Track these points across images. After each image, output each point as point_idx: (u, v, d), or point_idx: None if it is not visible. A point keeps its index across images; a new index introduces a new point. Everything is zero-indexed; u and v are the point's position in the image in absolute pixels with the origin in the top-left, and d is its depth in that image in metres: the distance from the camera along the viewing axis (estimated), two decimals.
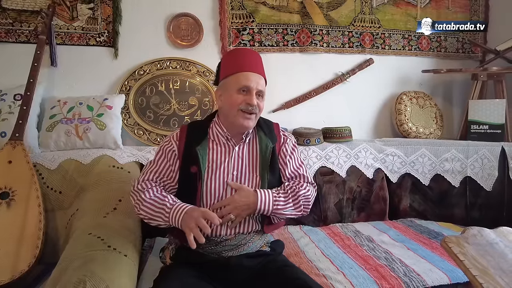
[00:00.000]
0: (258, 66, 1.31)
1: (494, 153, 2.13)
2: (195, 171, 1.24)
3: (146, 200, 1.23)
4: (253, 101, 1.24)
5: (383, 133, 2.48)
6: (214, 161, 1.28)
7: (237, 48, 1.34)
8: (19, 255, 1.40)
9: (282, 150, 1.39)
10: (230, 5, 2.16)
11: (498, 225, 1.16)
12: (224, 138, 1.31)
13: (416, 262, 1.48)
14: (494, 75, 2.31)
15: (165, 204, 1.20)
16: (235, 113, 1.25)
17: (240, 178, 1.29)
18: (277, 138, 1.38)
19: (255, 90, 1.25)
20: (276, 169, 1.34)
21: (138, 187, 1.27)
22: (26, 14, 1.94)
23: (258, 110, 1.27)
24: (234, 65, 1.29)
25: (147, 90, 2.07)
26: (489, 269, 0.93)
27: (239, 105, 1.24)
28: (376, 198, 2.09)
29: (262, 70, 1.32)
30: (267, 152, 1.31)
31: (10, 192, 1.52)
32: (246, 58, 1.30)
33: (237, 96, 1.25)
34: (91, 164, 1.76)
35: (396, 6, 2.41)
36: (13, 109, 1.80)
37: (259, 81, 1.27)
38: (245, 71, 1.26)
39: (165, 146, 1.31)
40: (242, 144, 1.33)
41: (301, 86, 2.32)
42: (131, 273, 1.21)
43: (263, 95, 1.30)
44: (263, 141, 1.33)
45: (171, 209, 1.18)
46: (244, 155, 1.32)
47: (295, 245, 1.69)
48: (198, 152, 1.25)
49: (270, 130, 1.39)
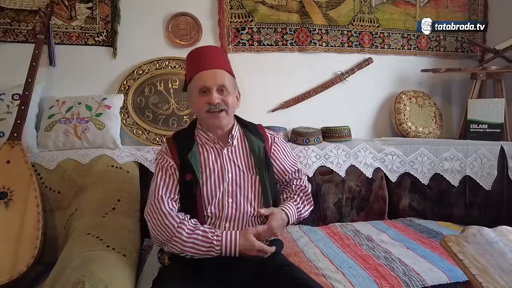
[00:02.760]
0: (214, 61, 1.27)
1: (493, 152, 2.13)
2: (190, 179, 1.23)
3: (186, 240, 1.16)
4: (213, 99, 1.22)
5: (382, 132, 2.48)
6: (207, 166, 1.27)
7: (193, 50, 1.33)
8: (18, 256, 1.40)
9: (273, 149, 1.41)
10: (229, 4, 2.16)
11: (497, 224, 1.16)
12: (211, 142, 1.31)
13: (415, 261, 1.48)
14: (493, 74, 2.30)
15: (212, 243, 1.16)
16: (204, 115, 1.26)
17: (237, 180, 1.29)
18: (265, 138, 1.39)
19: (214, 87, 1.23)
20: (271, 168, 1.36)
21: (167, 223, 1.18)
22: (24, 14, 1.94)
23: (226, 106, 1.25)
24: (191, 68, 1.29)
25: (146, 89, 2.07)
26: (489, 268, 0.94)
27: (203, 106, 1.24)
28: (375, 198, 2.09)
29: (223, 64, 1.29)
30: (260, 152, 1.32)
31: (9, 192, 1.52)
32: (201, 57, 1.28)
33: (199, 99, 1.24)
34: (90, 164, 1.75)
35: (395, 5, 2.41)
36: (11, 109, 1.79)
37: (217, 77, 1.24)
38: (200, 71, 1.24)
39: (163, 163, 1.28)
40: (230, 147, 1.32)
41: (300, 85, 2.32)
42: (130, 273, 1.21)
43: (228, 89, 1.25)
44: (254, 142, 1.33)
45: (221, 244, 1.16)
46: (236, 156, 1.32)
47: (295, 244, 1.69)
48: (190, 160, 1.24)
49: (256, 130, 1.39)
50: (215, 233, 1.18)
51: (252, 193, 1.30)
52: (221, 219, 1.25)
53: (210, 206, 1.25)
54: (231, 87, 1.28)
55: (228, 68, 1.31)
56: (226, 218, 1.26)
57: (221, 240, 1.16)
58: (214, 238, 1.16)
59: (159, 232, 1.18)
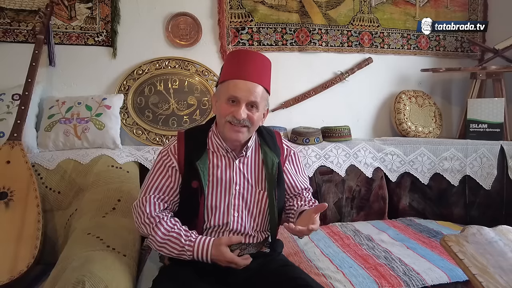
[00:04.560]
0: (255, 73, 1.16)
1: (493, 152, 2.13)
2: (196, 186, 1.18)
3: (160, 241, 1.15)
4: (239, 115, 1.13)
5: (382, 132, 2.48)
6: (215, 175, 1.21)
7: (238, 51, 1.25)
8: (18, 256, 1.40)
9: (287, 163, 1.34)
10: (228, 4, 2.16)
11: (497, 223, 1.16)
12: (224, 150, 1.23)
13: (415, 261, 1.48)
14: (493, 74, 2.31)
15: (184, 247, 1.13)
16: (224, 124, 1.17)
17: (243, 194, 1.24)
18: (281, 151, 1.32)
19: (245, 101, 1.14)
20: (282, 184, 1.29)
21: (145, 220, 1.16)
22: (24, 14, 1.94)
23: (250, 123, 1.16)
24: (228, 71, 1.19)
25: (145, 89, 2.07)
26: (489, 267, 0.93)
27: (226, 116, 1.15)
28: (375, 197, 2.09)
29: (263, 79, 1.19)
30: (274, 168, 1.24)
31: (9, 192, 1.52)
32: (242, 64, 1.16)
33: (225, 106, 1.15)
34: (90, 164, 1.75)
35: (395, 5, 2.41)
36: (11, 109, 1.79)
37: (252, 91, 1.14)
38: (236, 79, 1.15)
39: (165, 161, 1.22)
40: (243, 158, 1.25)
41: (300, 85, 2.32)
42: (130, 273, 1.21)
43: (258, 106, 1.16)
44: (269, 157, 1.25)
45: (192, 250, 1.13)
46: (247, 169, 1.25)
47: (295, 244, 1.69)
48: (198, 166, 1.17)
49: (274, 143, 1.30)
50: (189, 238, 1.14)
51: (258, 209, 1.26)
52: (225, 232, 1.24)
53: (213, 217, 1.22)
54: (262, 104, 1.19)
55: (267, 85, 1.20)
56: (230, 231, 1.24)
57: (193, 247, 1.12)
58: (187, 243, 1.13)
59: (139, 227, 1.20)
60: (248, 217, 1.25)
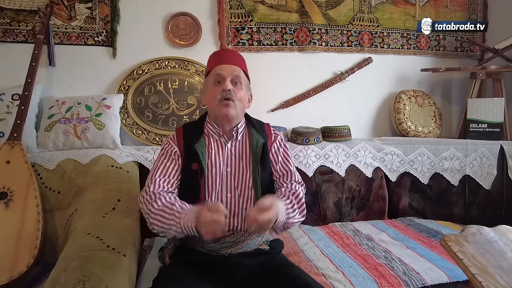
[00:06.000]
0: (233, 59, 1.34)
1: (493, 151, 2.13)
2: (196, 168, 1.25)
3: (154, 212, 1.16)
4: (226, 86, 1.26)
5: (382, 132, 2.48)
6: (210, 158, 1.29)
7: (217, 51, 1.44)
8: (18, 256, 1.40)
9: (273, 146, 1.40)
10: (228, 4, 2.16)
11: (497, 223, 1.16)
12: (217, 134, 1.33)
13: (415, 260, 1.48)
14: (492, 74, 2.31)
15: (174, 214, 1.12)
16: (215, 105, 1.28)
17: (233, 175, 1.30)
18: (268, 135, 1.39)
19: (229, 77, 1.28)
20: (267, 165, 1.34)
21: (147, 198, 1.20)
22: (24, 14, 1.94)
23: (235, 97, 1.27)
24: (211, 63, 1.35)
25: (145, 89, 2.07)
26: (488, 267, 0.93)
27: (217, 96, 1.27)
28: (375, 197, 2.09)
29: (241, 63, 1.35)
30: (258, 147, 1.32)
31: (8, 192, 1.52)
32: (221, 54, 1.39)
33: (215, 89, 1.28)
34: (90, 164, 1.75)
35: (395, 5, 2.41)
36: (11, 109, 1.79)
37: (234, 69, 1.30)
38: (219, 64, 1.31)
39: (167, 148, 1.31)
40: (235, 141, 1.33)
41: (300, 85, 2.32)
42: (130, 273, 1.21)
43: (241, 83, 1.30)
44: (254, 137, 1.34)
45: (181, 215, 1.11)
46: (237, 151, 1.33)
47: (295, 244, 1.69)
48: (197, 149, 1.26)
49: (262, 129, 1.39)
50: (182, 206, 1.15)
51: (246, 189, 1.30)
52: None
53: (210, 198, 1.26)
54: (245, 84, 1.33)
55: (244, 68, 1.36)
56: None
57: (181, 213, 1.11)
58: (179, 210, 1.13)
59: (141, 207, 1.22)
60: (239, 199, 1.29)
